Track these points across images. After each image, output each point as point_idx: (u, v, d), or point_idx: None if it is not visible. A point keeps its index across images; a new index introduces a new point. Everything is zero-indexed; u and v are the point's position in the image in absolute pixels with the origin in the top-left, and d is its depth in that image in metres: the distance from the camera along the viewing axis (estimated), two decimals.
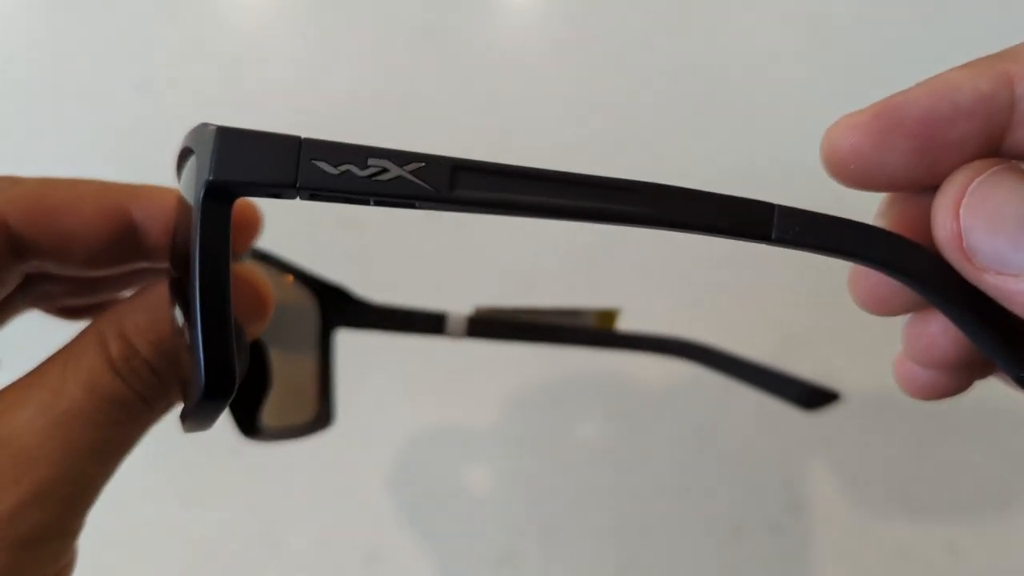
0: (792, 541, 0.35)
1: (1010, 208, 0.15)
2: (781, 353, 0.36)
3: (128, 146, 0.41)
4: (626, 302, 0.30)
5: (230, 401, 0.16)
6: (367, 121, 0.41)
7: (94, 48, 0.43)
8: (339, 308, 0.29)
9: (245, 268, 0.21)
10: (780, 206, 0.16)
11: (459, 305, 0.30)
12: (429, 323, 0.29)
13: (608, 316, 0.29)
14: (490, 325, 0.29)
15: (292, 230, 0.27)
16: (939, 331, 0.18)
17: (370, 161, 0.15)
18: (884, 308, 0.19)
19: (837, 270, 0.18)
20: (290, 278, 0.28)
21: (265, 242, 0.26)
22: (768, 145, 0.39)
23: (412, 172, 0.15)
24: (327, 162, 0.15)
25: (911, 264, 0.16)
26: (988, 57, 0.16)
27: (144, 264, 0.21)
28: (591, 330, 0.30)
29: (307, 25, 0.43)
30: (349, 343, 0.30)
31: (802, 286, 0.37)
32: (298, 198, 0.15)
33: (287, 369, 0.27)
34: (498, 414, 0.37)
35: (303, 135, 0.15)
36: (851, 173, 0.17)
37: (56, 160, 0.41)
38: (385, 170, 0.15)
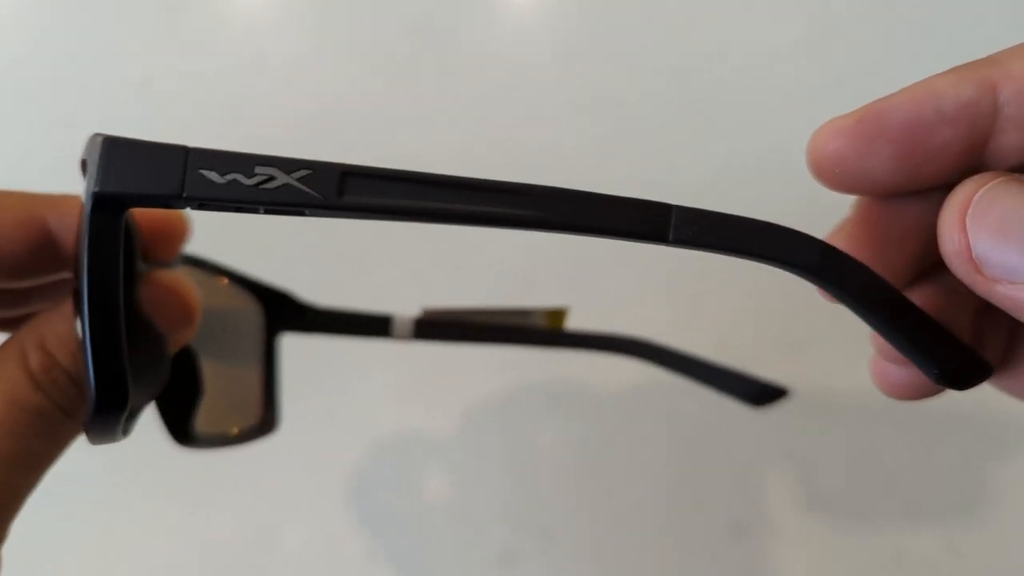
0: (792, 541, 0.35)
1: (1016, 216, 0.15)
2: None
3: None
4: (575, 300, 0.30)
5: (127, 412, 0.16)
6: (367, 121, 0.41)
7: (94, 47, 0.43)
8: (283, 313, 0.29)
9: (167, 276, 0.21)
10: (678, 207, 0.16)
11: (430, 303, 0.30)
12: (375, 326, 0.29)
13: (557, 315, 0.29)
14: (437, 327, 0.29)
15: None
16: None
17: (256, 169, 0.15)
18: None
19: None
20: (228, 283, 0.28)
21: (237, 249, 0.28)
22: (769, 145, 0.39)
23: (299, 179, 0.15)
24: (214, 171, 0.15)
25: (811, 260, 0.16)
26: (971, 63, 0.16)
27: (66, 275, 0.21)
28: (540, 330, 0.30)
29: (307, 25, 0.43)
30: (340, 347, 0.30)
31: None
32: (188, 208, 0.15)
33: (229, 375, 0.27)
34: (495, 414, 0.37)
35: (189, 144, 0.15)
36: (835, 177, 0.17)
37: (56, 160, 0.41)
38: (272, 178, 0.15)
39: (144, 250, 0.21)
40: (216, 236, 0.26)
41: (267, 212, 0.15)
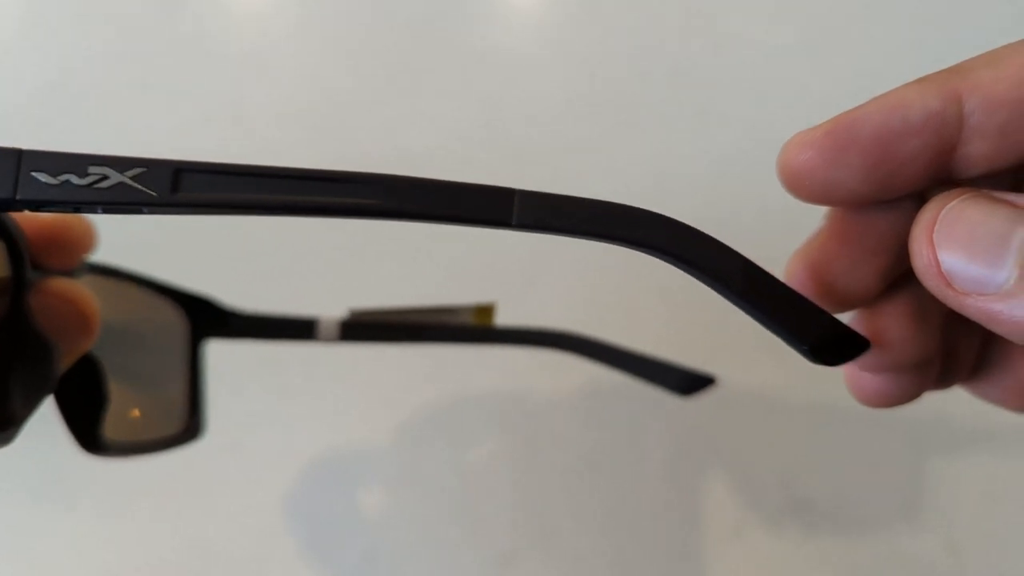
0: (792, 541, 0.35)
1: (981, 229, 0.15)
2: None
3: (127, 146, 0.41)
4: (501, 297, 0.31)
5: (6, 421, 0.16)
6: (366, 119, 0.41)
7: (94, 47, 0.43)
8: (205, 319, 0.29)
9: (59, 284, 0.20)
10: (521, 191, 0.16)
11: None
12: (300, 329, 0.29)
13: (485, 312, 0.29)
14: (364, 328, 0.29)
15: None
16: (879, 320, 0.19)
17: (90, 169, 0.15)
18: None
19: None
20: (144, 291, 0.27)
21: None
22: (769, 146, 0.39)
23: (133, 178, 0.15)
24: (47, 173, 0.15)
25: (658, 239, 0.16)
26: (938, 73, 0.17)
27: None
28: (469, 327, 0.30)
29: (308, 27, 0.43)
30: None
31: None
32: (26, 210, 0.15)
33: (151, 383, 0.27)
34: (492, 414, 0.37)
35: (24, 147, 0.15)
36: (806, 188, 0.17)
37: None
38: (105, 177, 0.15)
39: (34, 257, 0.20)
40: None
41: (105, 212, 0.15)
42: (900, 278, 0.19)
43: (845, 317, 0.19)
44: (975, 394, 0.21)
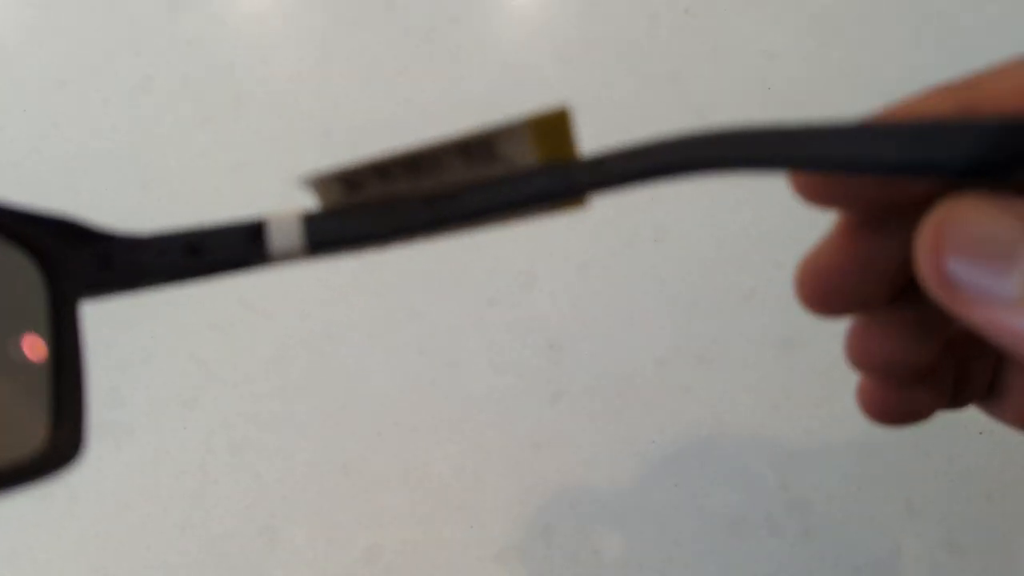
0: (792, 541, 0.34)
1: (989, 236, 0.14)
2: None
3: (127, 146, 0.41)
4: None
5: None
6: (367, 121, 0.41)
7: (94, 48, 0.43)
8: (72, 261, 0.16)
9: None
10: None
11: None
12: (236, 245, 0.16)
13: (554, 125, 0.16)
14: (348, 218, 0.16)
15: None
16: (880, 327, 0.19)
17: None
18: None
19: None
20: None
21: None
22: None
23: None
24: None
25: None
26: (947, 86, 0.16)
27: None
28: (537, 170, 0.16)
29: (309, 26, 0.43)
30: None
31: None
32: None
33: None
34: (495, 413, 0.37)
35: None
36: (816, 194, 0.17)
37: (55, 160, 0.41)
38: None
39: None
40: None
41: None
42: (908, 286, 0.18)
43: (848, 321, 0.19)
44: (990, 415, 0.20)
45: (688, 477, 0.35)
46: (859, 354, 0.19)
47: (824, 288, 0.18)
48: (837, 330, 0.19)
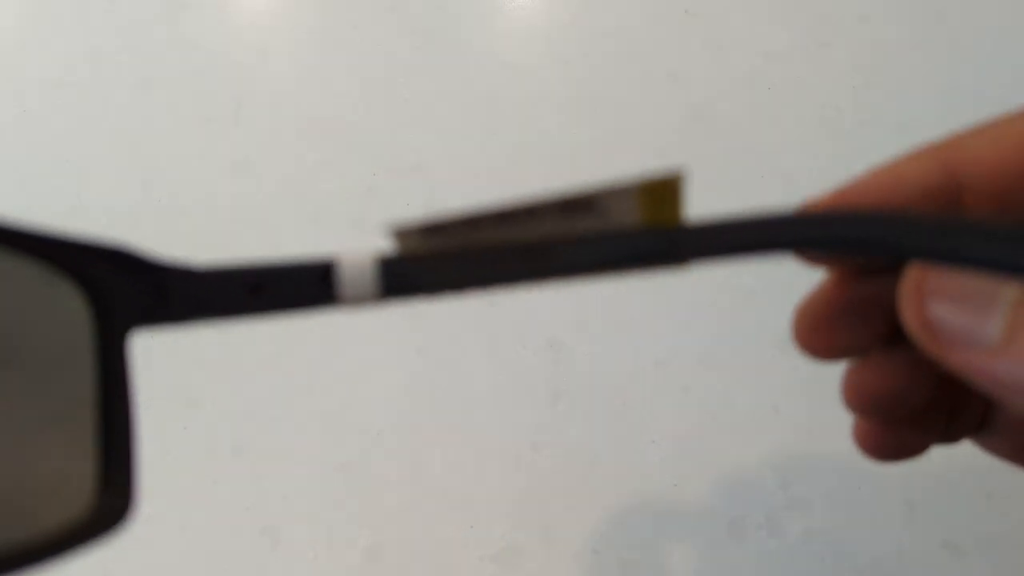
0: (791, 540, 0.34)
1: (971, 281, 0.14)
2: None
3: (127, 146, 0.41)
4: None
5: None
6: (367, 121, 0.41)
7: (95, 47, 0.43)
8: (124, 292, 0.15)
9: None
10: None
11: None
12: (304, 286, 0.15)
13: (665, 190, 0.15)
14: (425, 266, 0.15)
15: None
16: (872, 371, 0.19)
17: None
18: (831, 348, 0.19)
19: None
20: None
21: None
22: (769, 147, 0.39)
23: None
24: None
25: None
26: (932, 147, 0.17)
27: None
28: (643, 232, 0.15)
29: (309, 26, 0.43)
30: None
31: None
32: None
33: (24, 435, 0.15)
34: (495, 413, 0.37)
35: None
36: (809, 259, 0.18)
37: (56, 160, 0.41)
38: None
39: None
40: None
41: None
42: (897, 338, 0.19)
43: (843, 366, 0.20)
44: (984, 449, 0.21)
45: (688, 477, 0.35)
46: (855, 397, 0.19)
47: (818, 333, 0.19)
48: None
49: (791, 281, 0.37)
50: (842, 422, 0.36)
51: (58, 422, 0.15)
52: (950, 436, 0.21)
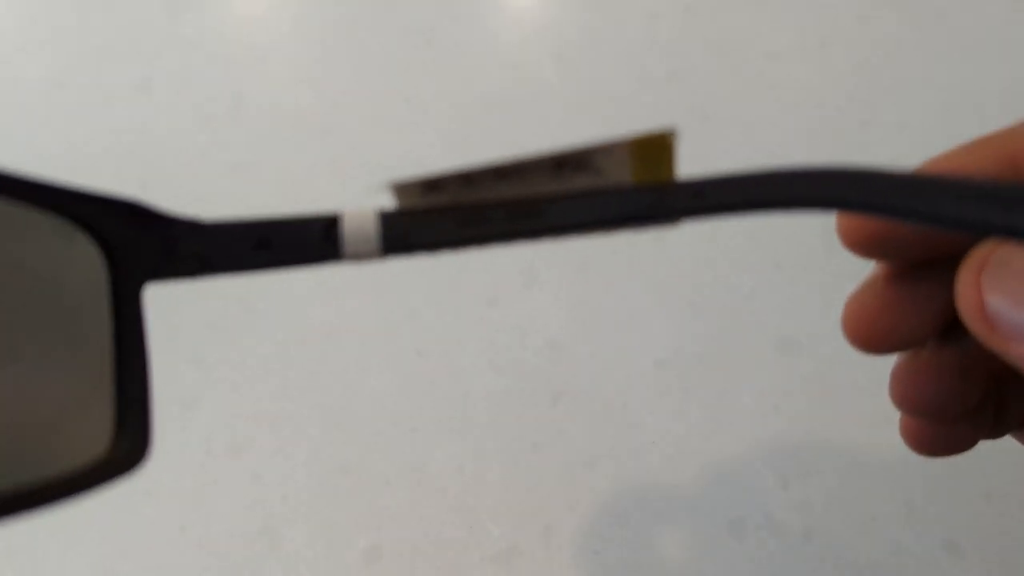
0: (792, 540, 0.34)
1: None
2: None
3: (127, 146, 0.41)
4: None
5: None
6: (367, 121, 0.41)
7: (95, 47, 0.43)
8: (139, 243, 0.16)
9: None
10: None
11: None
12: (308, 240, 0.16)
13: (656, 147, 0.15)
14: (422, 223, 0.16)
15: None
16: (923, 370, 0.19)
17: None
18: (882, 341, 0.19)
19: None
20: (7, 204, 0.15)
21: None
22: (769, 147, 0.39)
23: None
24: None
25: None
26: (989, 138, 0.16)
27: None
28: (634, 189, 0.16)
29: (308, 26, 0.43)
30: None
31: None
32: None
33: (35, 378, 0.15)
34: (495, 413, 0.37)
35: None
36: (863, 248, 0.17)
37: (56, 160, 0.41)
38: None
39: None
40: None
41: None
42: (952, 325, 0.19)
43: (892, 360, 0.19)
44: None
45: (688, 477, 0.35)
46: (904, 397, 0.19)
47: (870, 328, 0.19)
48: (837, 330, 0.19)
49: (791, 282, 0.38)
50: (842, 422, 0.36)
51: (77, 369, 0.15)
52: (995, 431, 0.20)
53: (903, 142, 0.39)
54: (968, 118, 0.39)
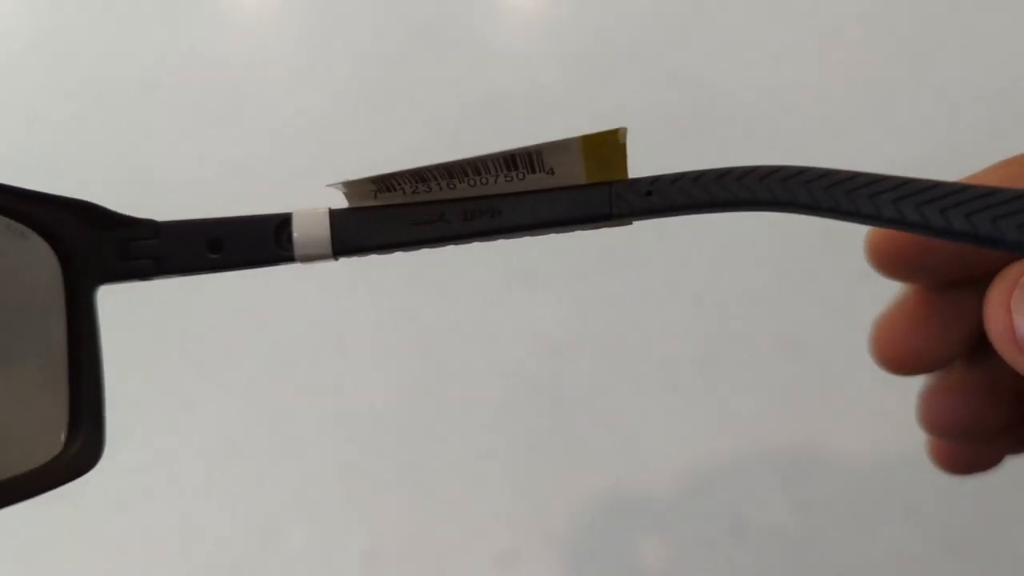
0: (792, 540, 0.34)
1: None
2: None
3: (128, 146, 0.41)
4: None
5: None
6: (367, 121, 0.41)
7: (95, 47, 0.43)
8: (88, 246, 0.15)
9: None
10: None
11: None
12: (257, 240, 0.16)
13: (608, 146, 0.16)
14: (375, 223, 0.16)
15: None
16: (952, 393, 0.19)
17: None
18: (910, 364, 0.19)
19: None
20: None
21: None
22: (769, 147, 0.39)
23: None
24: None
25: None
26: (1019, 158, 0.16)
27: None
28: (587, 188, 0.16)
29: (308, 26, 0.43)
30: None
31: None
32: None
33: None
34: (495, 414, 0.37)
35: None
36: (894, 271, 0.17)
37: (56, 160, 0.41)
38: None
39: None
40: None
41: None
42: (979, 345, 0.19)
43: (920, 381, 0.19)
44: None
45: (689, 478, 0.35)
46: (933, 421, 0.19)
47: (900, 349, 0.19)
48: (837, 330, 0.19)
49: (791, 282, 0.38)
50: (842, 423, 0.36)
51: (31, 371, 0.15)
52: (1022, 447, 0.21)
53: (903, 142, 0.39)
54: (968, 118, 0.39)
